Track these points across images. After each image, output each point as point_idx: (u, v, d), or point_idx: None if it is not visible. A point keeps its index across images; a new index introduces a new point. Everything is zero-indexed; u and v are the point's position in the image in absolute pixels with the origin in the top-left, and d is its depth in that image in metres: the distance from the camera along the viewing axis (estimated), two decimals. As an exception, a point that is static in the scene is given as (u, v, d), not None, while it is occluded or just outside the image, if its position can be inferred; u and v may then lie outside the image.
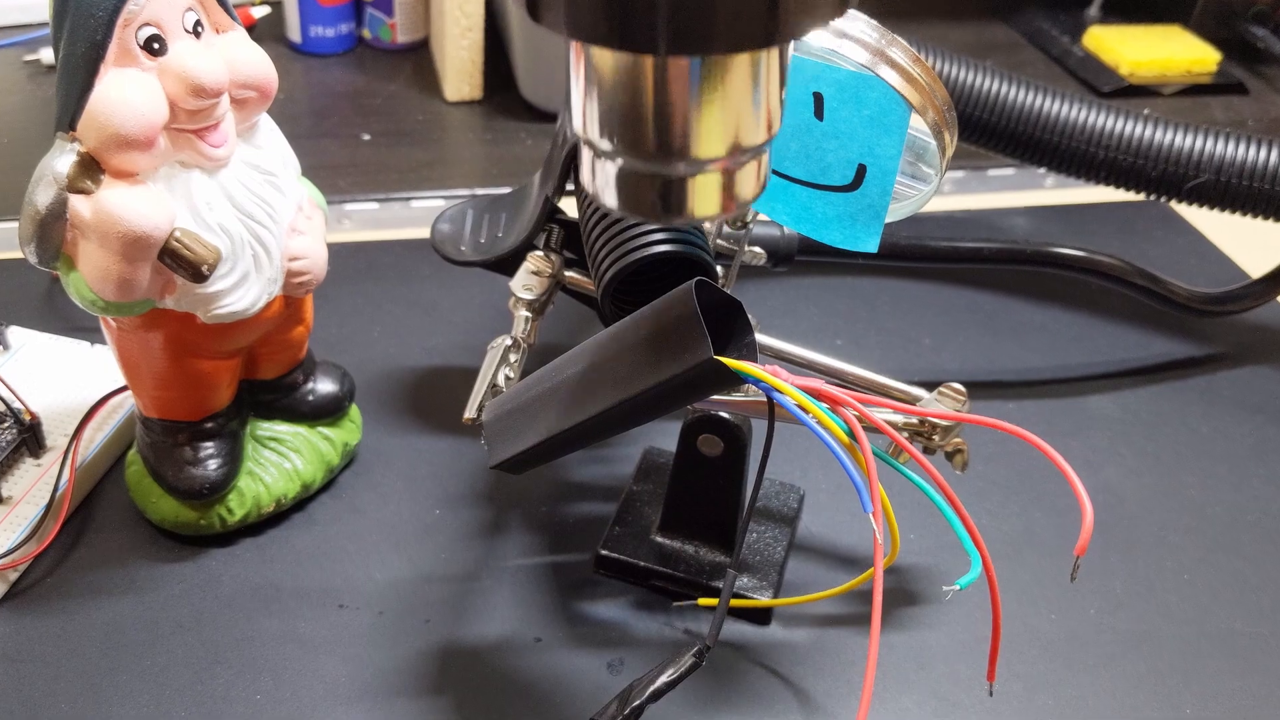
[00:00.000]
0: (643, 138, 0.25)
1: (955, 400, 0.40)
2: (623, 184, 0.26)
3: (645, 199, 0.26)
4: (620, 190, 0.26)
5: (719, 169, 0.26)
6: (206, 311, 0.39)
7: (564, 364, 0.34)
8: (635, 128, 0.25)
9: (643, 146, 0.25)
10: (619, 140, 0.25)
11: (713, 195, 0.27)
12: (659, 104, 0.25)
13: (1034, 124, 0.52)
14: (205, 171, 0.37)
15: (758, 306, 0.59)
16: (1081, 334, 0.59)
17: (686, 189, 0.26)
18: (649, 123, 0.25)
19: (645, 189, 0.26)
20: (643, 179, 0.26)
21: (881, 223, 0.35)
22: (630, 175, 0.26)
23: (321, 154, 0.72)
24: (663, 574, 0.43)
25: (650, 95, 0.25)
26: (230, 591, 0.42)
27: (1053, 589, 0.44)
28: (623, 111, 0.25)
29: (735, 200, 0.27)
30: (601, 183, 0.27)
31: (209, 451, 0.43)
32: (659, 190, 0.26)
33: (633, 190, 0.26)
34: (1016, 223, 0.68)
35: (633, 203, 0.27)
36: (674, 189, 0.26)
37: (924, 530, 0.46)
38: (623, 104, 0.25)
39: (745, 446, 0.41)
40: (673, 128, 0.25)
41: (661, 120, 0.25)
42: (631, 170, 0.26)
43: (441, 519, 0.46)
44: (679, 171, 0.26)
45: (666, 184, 0.26)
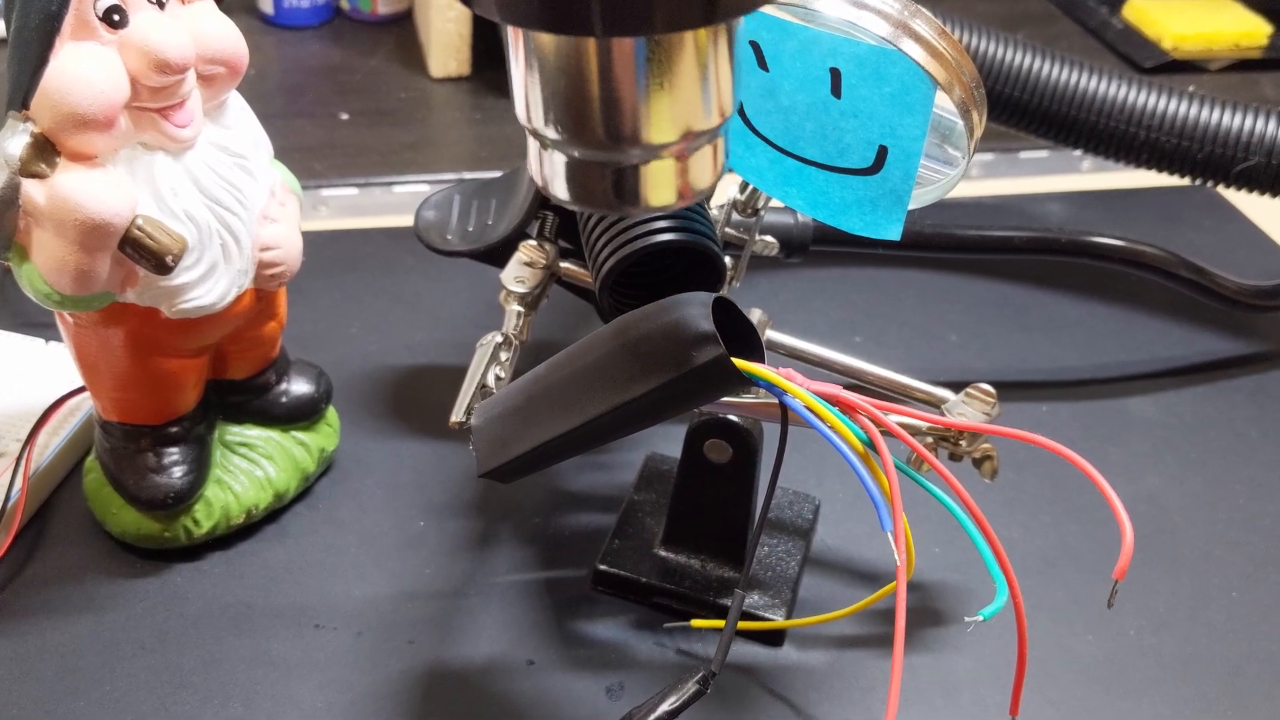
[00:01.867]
0: (590, 125, 0.26)
1: (984, 402, 0.40)
2: (573, 174, 0.27)
3: (597, 189, 0.27)
4: (570, 181, 0.27)
5: (672, 155, 0.26)
6: (171, 306, 0.39)
7: (560, 363, 0.34)
8: (582, 115, 0.26)
9: (591, 134, 0.26)
10: (565, 129, 0.26)
11: (667, 183, 0.27)
12: (604, 88, 0.25)
13: (1069, 102, 0.52)
14: (170, 154, 0.37)
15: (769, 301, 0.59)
16: (1121, 330, 0.59)
17: (639, 177, 0.27)
18: (595, 109, 0.25)
19: (596, 179, 0.27)
20: (593, 168, 0.27)
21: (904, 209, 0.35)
22: (580, 165, 0.27)
23: (296, 135, 0.72)
24: (666, 591, 0.43)
25: (594, 80, 0.25)
26: (197, 610, 0.42)
27: (1089, 608, 0.44)
28: (567, 98, 0.26)
29: (691, 187, 0.27)
30: (550, 173, 0.27)
31: (174, 458, 0.43)
32: (611, 180, 0.27)
33: (583, 180, 0.27)
34: (1050, 209, 0.68)
35: (584, 194, 0.27)
36: (626, 178, 0.27)
37: (950, 544, 0.46)
38: (566, 90, 0.25)
39: (756, 452, 0.41)
40: (620, 113, 0.25)
41: (608, 105, 0.25)
42: (581, 160, 0.27)
43: (426, 531, 0.46)
44: (630, 159, 0.26)
45: (619, 172, 0.26)
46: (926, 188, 0.36)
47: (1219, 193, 0.70)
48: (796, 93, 0.34)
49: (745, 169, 0.37)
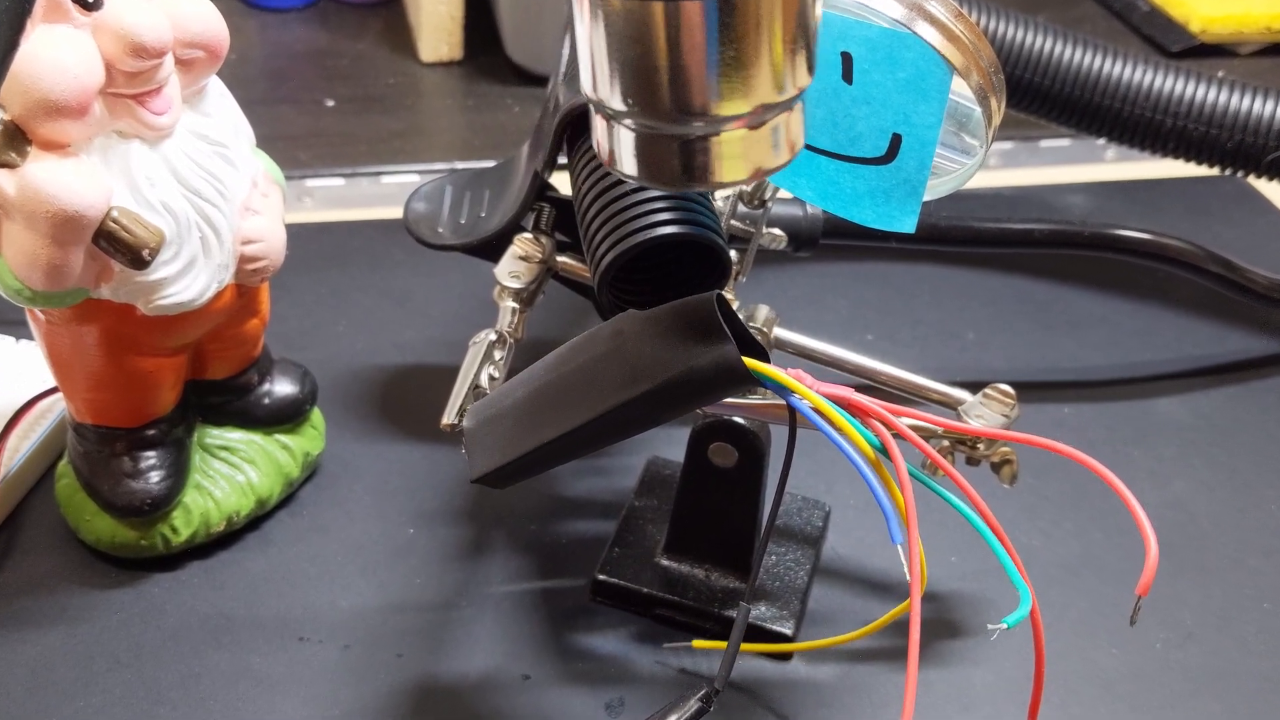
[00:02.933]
0: (659, 95, 0.26)
1: (1003, 404, 0.40)
2: (641, 149, 0.27)
3: (666, 164, 0.27)
4: (639, 156, 0.27)
5: (745, 127, 0.26)
6: (148, 302, 0.39)
7: (557, 362, 0.34)
8: (650, 84, 0.25)
9: (660, 105, 0.26)
10: (634, 99, 0.26)
11: (740, 156, 0.27)
12: (673, 56, 0.25)
13: (1093, 88, 0.52)
14: (146, 142, 0.37)
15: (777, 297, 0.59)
16: (1147, 328, 0.59)
17: (710, 151, 0.27)
18: (664, 78, 0.25)
19: (667, 153, 0.27)
20: (662, 141, 0.26)
21: (919, 200, 0.34)
22: (648, 139, 0.27)
23: (279, 123, 0.72)
24: (668, 602, 0.43)
25: (663, 46, 0.25)
26: (175, 622, 0.42)
27: (1113, 620, 0.44)
28: (636, 67, 0.25)
29: (764, 163, 0.27)
30: (617, 148, 0.27)
31: (151, 462, 0.43)
32: (680, 154, 0.27)
33: (652, 155, 0.27)
34: (1073, 201, 0.68)
35: (654, 170, 0.27)
36: (696, 152, 0.26)
37: (967, 552, 0.46)
38: (635, 58, 0.25)
39: (763, 456, 0.41)
40: (691, 83, 0.25)
41: (678, 75, 0.25)
42: (649, 133, 0.26)
43: (416, 539, 0.46)
44: (700, 131, 0.26)
45: (688, 146, 0.26)
46: (942, 178, 0.36)
47: (1249, 183, 0.70)
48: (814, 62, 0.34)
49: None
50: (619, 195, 0.37)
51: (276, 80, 0.77)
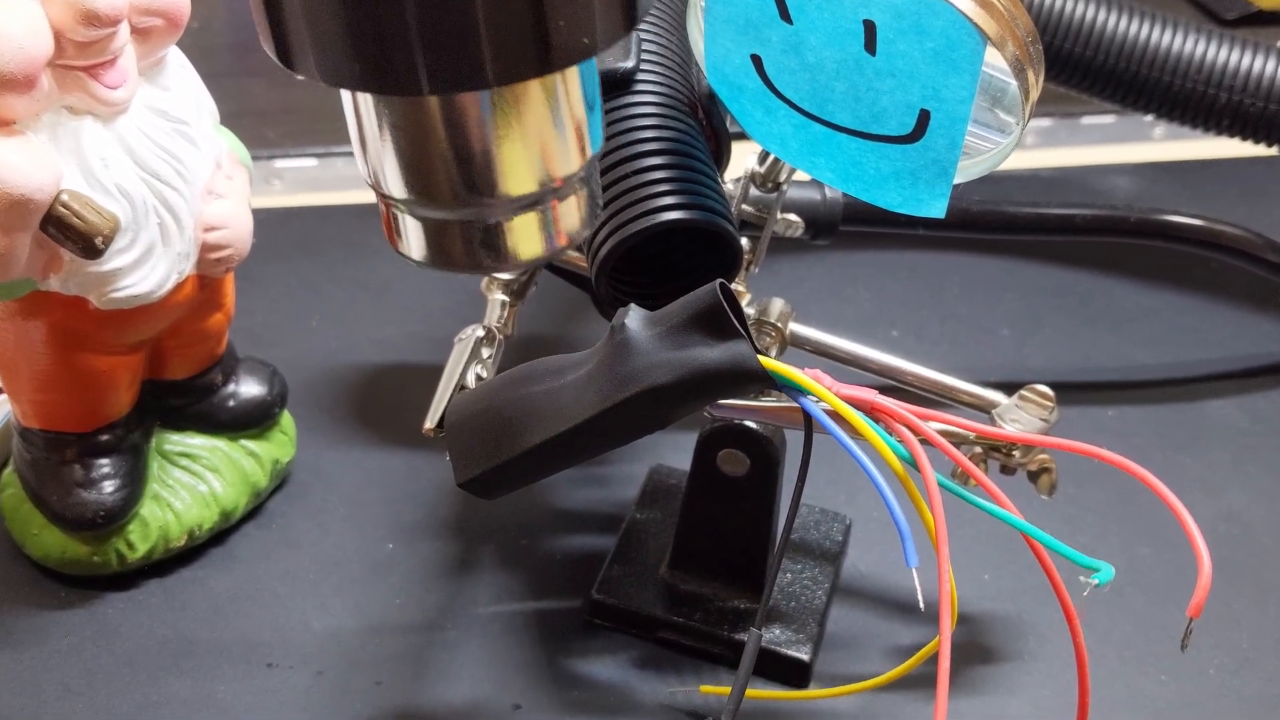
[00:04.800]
0: (437, 183, 0.28)
1: (1041, 406, 0.40)
2: (428, 235, 0.30)
3: (454, 249, 0.30)
4: (428, 242, 0.30)
5: (531, 207, 0.29)
6: (101, 294, 0.39)
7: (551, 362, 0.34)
8: (428, 173, 0.28)
9: (440, 193, 0.28)
10: (413, 189, 0.28)
11: (534, 234, 0.30)
12: (446, 146, 0.28)
13: (1140, 60, 0.52)
14: (99, 119, 0.37)
15: (793, 289, 0.59)
16: (1198, 323, 0.59)
17: (500, 233, 0.29)
18: (441, 166, 0.28)
19: (453, 238, 0.30)
20: (449, 228, 0.29)
21: (949, 182, 0.34)
22: (433, 224, 0.29)
23: (245, 97, 0.72)
24: (672, 624, 0.43)
25: (437, 137, 0.28)
26: (131, 646, 0.42)
27: (1162, 643, 0.44)
28: (411, 157, 0.28)
29: (560, 236, 0.30)
30: (402, 236, 0.30)
31: (104, 471, 0.43)
32: (467, 238, 0.29)
33: (439, 240, 0.30)
34: (1117, 184, 0.68)
35: (442, 255, 0.30)
36: (482, 234, 0.29)
37: (1001, 568, 0.46)
38: (407, 149, 0.28)
39: (777, 464, 0.41)
40: (464, 169, 0.28)
41: (451, 163, 0.28)
42: (432, 219, 0.29)
43: (395, 555, 0.46)
44: (487, 216, 0.29)
45: (469, 228, 0.29)
46: (975, 158, 0.36)
47: (1312, 164, 0.70)
48: (825, 48, 0.34)
49: (765, 136, 0.37)
50: (620, 176, 0.37)
51: (242, 51, 0.77)
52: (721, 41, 0.35)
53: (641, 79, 0.38)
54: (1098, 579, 0.31)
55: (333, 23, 0.25)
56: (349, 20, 0.25)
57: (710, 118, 0.40)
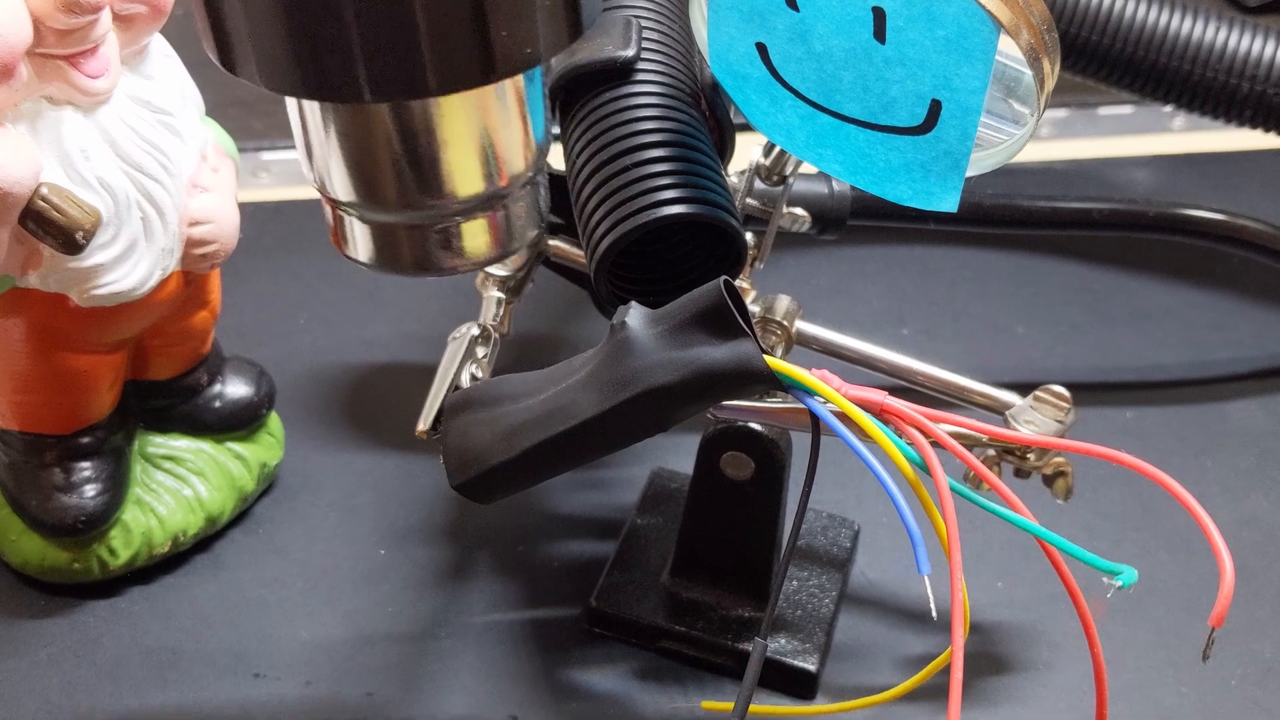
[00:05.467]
0: (383, 187, 0.30)
1: (1057, 408, 0.40)
2: (375, 238, 0.31)
3: (402, 251, 0.31)
4: (375, 245, 0.31)
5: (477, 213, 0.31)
6: (82, 292, 0.39)
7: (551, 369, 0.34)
8: (373, 177, 0.29)
9: (386, 196, 0.30)
10: (359, 192, 0.30)
11: (481, 234, 0.31)
12: (388, 150, 0.29)
13: (1159, 48, 0.52)
14: (80, 110, 0.37)
15: (800, 285, 0.59)
16: (1220, 321, 0.59)
17: (449, 234, 0.31)
18: (386, 171, 0.29)
19: (399, 241, 0.31)
20: (395, 230, 0.31)
21: (961, 175, 0.34)
22: (380, 227, 0.31)
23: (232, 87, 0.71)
24: (674, 633, 0.43)
25: (379, 142, 0.29)
26: (113, 656, 0.42)
27: (1183, 653, 0.44)
28: (355, 161, 0.29)
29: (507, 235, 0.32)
30: (349, 239, 0.31)
31: (85, 474, 0.43)
32: (414, 240, 0.31)
33: (386, 243, 0.31)
34: (1136, 176, 0.68)
35: (390, 258, 0.31)
36: (433, 237, 0.31)
37: (1014, 576, 0.46)
38: (351, 154, 0.29)
39: (782, 468, 0.41)
40: (410, 173, 0.29)
41: (397, 167, 0.29)
42: (379, 222, 0.31)
43: (388, 562, 0.46)
44: (430, 218, 0.30)
45: (416, 231, 0.31)
46: (988, 150, 0.36)
47: (1338, 156, 0.70)
48: (833, 36, 0.34)
49: (771, 127, 0.37)
50: (620, 169, 0.37)
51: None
52: (725, 29, 0.35)
53: (642, 68, 0.38)
54: (1121, 580, 0.31)
55: (274, 29, 0.26)
56: (290, 27, 0.26)
57: (713, 108, 0.40)
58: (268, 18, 0.26)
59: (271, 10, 0.26)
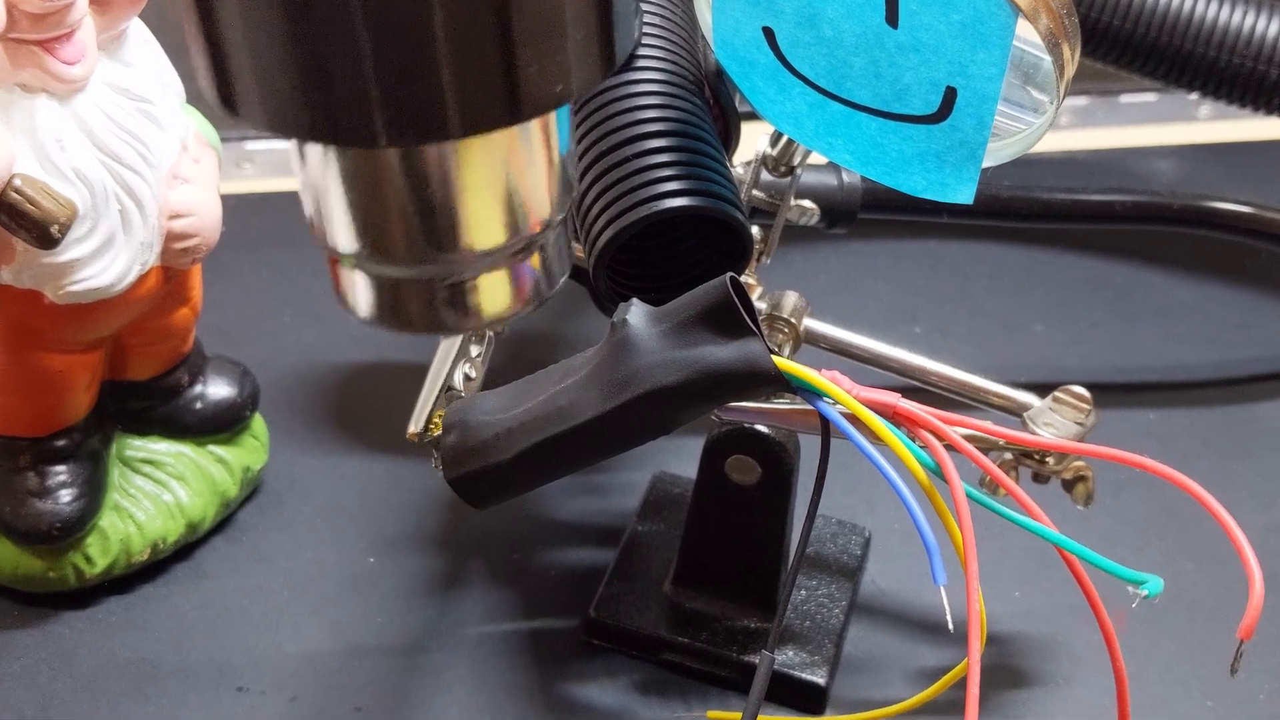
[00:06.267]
0: (392, 238, 0.28)
1: (1077, 409, 0.40)
2: (380, 293, 0.29)
3: (410, 309, 0.29)
4: (379, 301, 0.29)
5: (494, 265, 0.29)
6: (57, 288, 0.39)
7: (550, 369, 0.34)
8: (382, 227, 0.28)
9: (395, 248, 0.28)
10: (365, 243, 0.28)
11: (500, 290, 0.29)
12: (401, 199, 0.27)
13: (1183, 33, 0.52)
14: (55, 98, 0.37)
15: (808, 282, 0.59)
16: (1247, 319, 0.59)
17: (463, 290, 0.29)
18: (397, 220, 0.28)
19: (408, 297, 0.29)
20: (403, 286, 0.29)
21: (978, 166, 0.34)
22: (387, 282, 0.29)
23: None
24: (677, 645, 0.43)
25: (391, 189, 0.27)
26: (90, 669, 0.42)
27: (1209, 666, 0.44)
28: (363, 209, 0.28)
29: (529, 290, 0.30)
30: (349, 293, 0.30)
31: (60, 479, 0.43)
32: (425, 296, 0.29)
33: (393, 300, 0.29)
34: (1160, 167, 0.68)
35: (396, 315, 0.30)
36: (445, 293, 0.29)
37: (1032, 586, 0.46)
38: (359, 201, 0.28)
39: (790, 472, 0.41)
40: (423, 223, 0.28)
41: (409, 216, 0.27)
42: (386, 276, 0.29)
43: (377, 570, 0.46)
44: (443, 273, 0.29)
45: (427, 286, 0.29)
46: (1005, 140, 0.36)
47: (1371, 146, 0.70)
48: (843, 21, 0.34)
49: (778, 116, 0.37)
50: (619, 160, 0.37)
51: (210, 23, 0.76)
52: (731, 13, 0.35)
53: (643, 54, 0.38)
54: (1146, 590, 0.31)
55: (281, 67, 0.24)
56: (299, 65, 0.24)
57: (718, 96, 0.40)
58: (275, 55, 0.24)
59: (278, 43, 0.24)
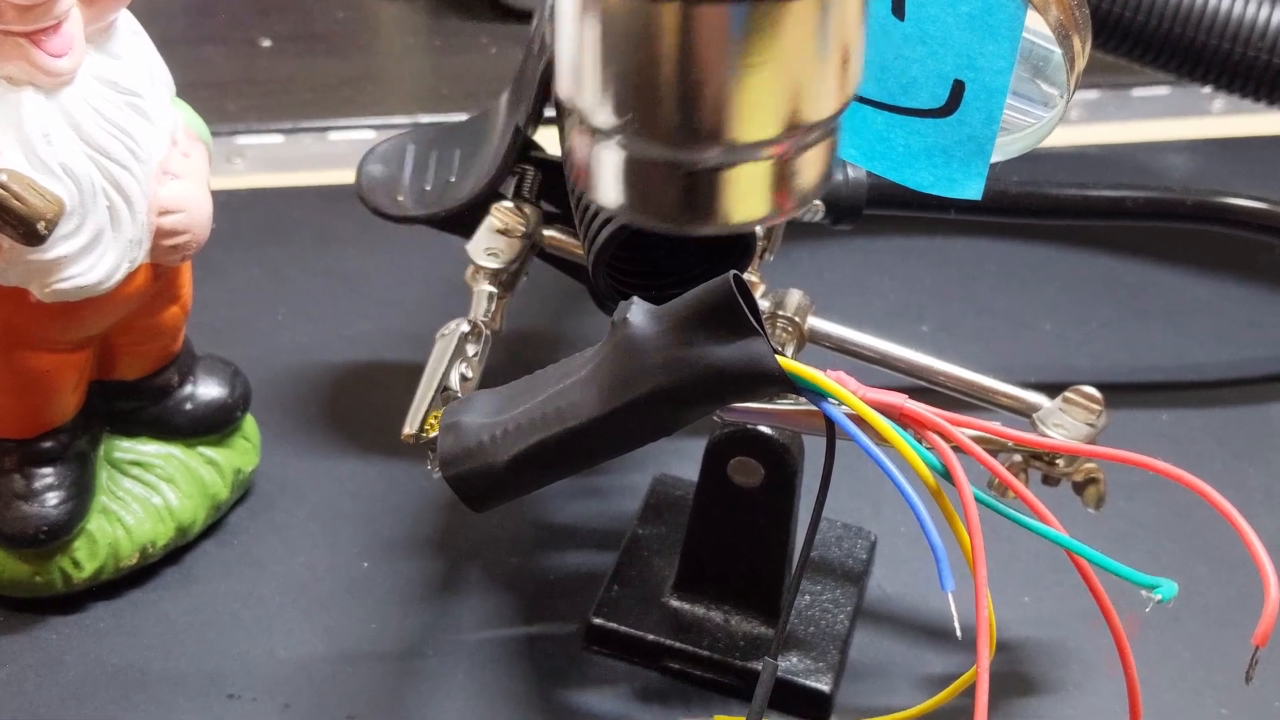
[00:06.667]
0: (664, 113, 0.26)
1: (1087, 410, 0.40)
2: (632, 176, 0.27)
3: (664, 198, 0.28)
4: (629, 184, 0.28)
5: (768, 155, 0.27)
6: (44, 285, 0.38)
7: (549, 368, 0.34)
8: (654, 101, 0.26)
9: (664, 126, 0.26)
10: (631, 116, 0.26)
11: (760, 191, 0.28)
12: (687, 68, 0.25)
13: (1196, 24, 0.52)
14: (42, 91, 0.37)
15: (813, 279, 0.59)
16: (1261, 318, 0.59)
17: (721, 184, 0.27)
18: (674, 94, 0.26)
19: (663, 183, 0.27)
20: (661, 170, 0.27)
21: (986, 161, 0.34)
22: (643, 165, 0.27)
23: (204, 66, 0.72)
24: (679, 652, 0.43)
25: (676, 56, 0.25)
26: (78, 676, 0.42)
27: (1223, 674, 0.44)
28: (636, 78, 0.26)
29: (792, 196, 0.28)
30: (598, 172, 0.28)
31: (47, 481, 0.43)
32: (683, 186, 0.27)
33: (645, 184, 0.27)
34: (1172, 162, 0.68)
35: (644, 202, 0.28)
36: (704, 184, 0.27)
37: (1042, 591, 0.46)
38: (636, 68, 0.26)
39: (794, 474, 0.41)
40: (705, 101, 0.25)
41: (691, 91, 0.25)
42: (644, 158, 0.27)
43: (372, 574, 0.46)
44: (712, 160, 0.27)
45: (693, 178, 0.27)
46: (1014, 134, 0.36)
47: (1388, 141, 0.70)
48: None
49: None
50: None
51: (201, 15, 0.76)
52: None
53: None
54: (1160, 593, 0.31)
55: None
56: None
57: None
58: None
59: None
